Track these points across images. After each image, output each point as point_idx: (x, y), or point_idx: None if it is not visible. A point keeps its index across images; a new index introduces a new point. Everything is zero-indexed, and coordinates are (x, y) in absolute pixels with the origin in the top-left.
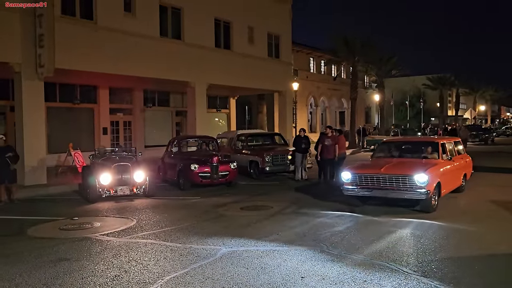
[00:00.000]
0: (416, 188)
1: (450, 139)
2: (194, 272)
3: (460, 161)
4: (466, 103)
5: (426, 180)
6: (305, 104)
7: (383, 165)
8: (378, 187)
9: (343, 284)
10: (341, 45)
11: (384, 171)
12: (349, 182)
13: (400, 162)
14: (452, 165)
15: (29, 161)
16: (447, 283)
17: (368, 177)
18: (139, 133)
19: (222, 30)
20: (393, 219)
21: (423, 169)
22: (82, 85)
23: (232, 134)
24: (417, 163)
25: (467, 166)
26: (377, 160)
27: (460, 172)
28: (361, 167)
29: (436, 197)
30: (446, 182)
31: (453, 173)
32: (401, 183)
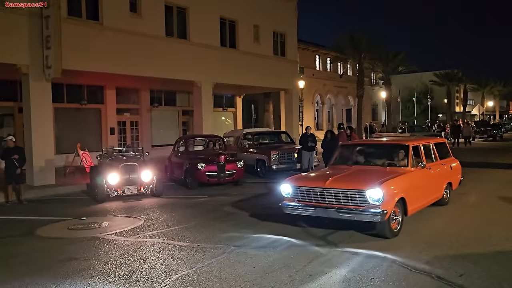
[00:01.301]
0: (368, 208)
1: (427, 140)
2: (201, 271)
3: (441, 168)
4: (474, 99)
5: (381, 197)
6: (311, 102)
7: (331, 175)
8: (322, 204)
9: None
10: (347, 42)
11: (329, 185)
12: (289, 197)
13: (355, 172)
14: (426, 174)
15: (37, 162)
16: (454, 279)
17: (310, 192)
18: (146, 133)
19: (227, 29)
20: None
21: (378, 182)
22: (89, 86)
23: (239, 132)
24: (376, 174)
25: (453, 173)
26: (330, 169)
27: (440, 182)
28: (304, 179)
29: (400, 218)
30: (416, 196)
31: (429, 184)
32: (350, 200)
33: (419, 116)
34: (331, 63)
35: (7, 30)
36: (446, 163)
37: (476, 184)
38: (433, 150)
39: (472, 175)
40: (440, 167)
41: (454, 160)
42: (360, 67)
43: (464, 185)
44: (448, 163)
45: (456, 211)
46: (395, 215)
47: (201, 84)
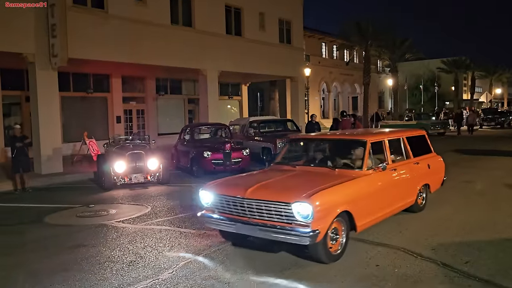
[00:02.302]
0: (295, 226)
1: (398, 134)
2: (208, 257)
3: (414, 167)
4: (481, 86)
5: (311, 212)
6: (317, 90)
7: (258, 181)
8: (244, 219)
9: None
10: (354, 29)
11: (250, 194)
12: (210, 207)
13: (291, 177)
14: (389, 177)
15: (45, 150)
16: (460, 266)
17: (230, 202)
18: (152, 121)
19: (233, 17)
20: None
21: (308, 194)
22: (95, 74)
23: (245, 121)
24: (316, 179)
25: (432, 172)
26: (266, 171)
27: (412, 184)
28: (226, 185)
29: (343, 238)
30: (370, 207)
31: (393, 189)
32: (275, 215)
33: (426, 104)
34: (337, 51)
35: (13, 19)
36: (423, 161)
37: (482, 171)
38: (404, 146)
39: (478, 163)
40: (413, 166)
41: (435, 156)
42: (366, 54)
43: (470, 173)
44: (425, 161)
45: (462, 199)
46: (336, 234)
47: (207, 72)
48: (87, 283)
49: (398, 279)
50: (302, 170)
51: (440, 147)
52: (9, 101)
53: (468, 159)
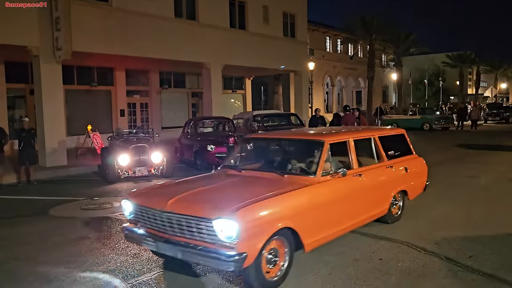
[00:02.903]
0: (219, 247)
1: (368, 133)
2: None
3: (387, 172)
4: (486, 81)
5: (236, 232)
6: (321, 84)
7: (184, 190)
8: (165, 236)
9: None
10: (358, 23)
11: (171, 206)
12: (132, 219)
13: (226, 185)
14: (350, 184)
15: (49, 143)
16: (463, 261)
17: (150, 215)
18: (155, 115)
19: (237, 10)
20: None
21: (234, 208)
22: (99, 68)
23: (248, 114)
24: (254, 188)
25: (410, 177)
26: (202, 177)
27: (383, 191)
28: (149, 194)
29: (285, 262)
30: (323, 222)
31: (356, 198)
32: (196, 232)
33: (430, 99)
34: (342, 45)
35: (17, 12)
36: (399, 164)
37: (486, 166)
38: (376, 147)
39: (483, 158)
40: (386, 171)
41: (415, 158)
42: (371, 48)
43: (474, 168)
44: (402, 164)
45: (466, 194)
46: (275, 256)
47: (210, 66)
48: (91, 275)
49: (401, 273)
50: (247, 175)
51: (444, 142)
52: (13, 94)
53: (472, 154)
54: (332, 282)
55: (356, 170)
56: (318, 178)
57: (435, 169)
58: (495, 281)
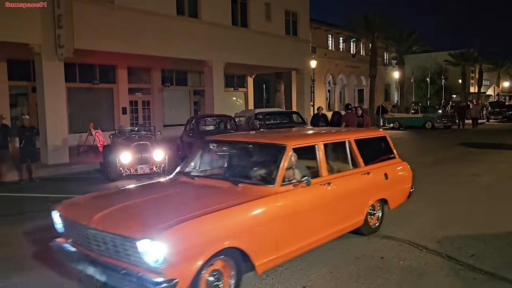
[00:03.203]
0: (146, 271)
1: (339, 135)
2: None
3: (362, 180)
4: (489, 79)
5: (164, 255)
6: (323, 82)
7: (121, 201)
8: (92, 255)
9: None
10: (360, 21)
11: (96, 222)
12: (62, 232)
13: (168, 196)
14: (316, 195)
15: (51, 141)
16: (465, 259)
17: (76, 230)
18: (157, 113)
19: (239, 8)
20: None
21: (165, 225)
22: (101, 65)
23: (250, 112)
24: (199, 200)
25: (391, 184)
26: (154, 184)
27: (355, 202)
28: (80, 205)
29: (230, 287)
30: (280, 239)
31: (321, 210)
32: (123, 254)
33: (432, 97)
34: (344, 43)
35: (19, 10)
36: (378, 170)
37: (489, 165)
38: (351, 151)
39: (485, 157)
40: (362, 178)
41: (398, 163)
42: (373, 46)
43: (476, 167)
44: (382, 170)
45: (468, 192)
46: (218, 280)
47: (212, 64)
48: None
49: (403, 271)
50: (198, 184)
51: (446, 141)
52: (16, 92)
53: (475, 152)
54: (333, 281)
55: (324, 178)
56: (277, 188)
57: (437, 168)
58: (496, 280)
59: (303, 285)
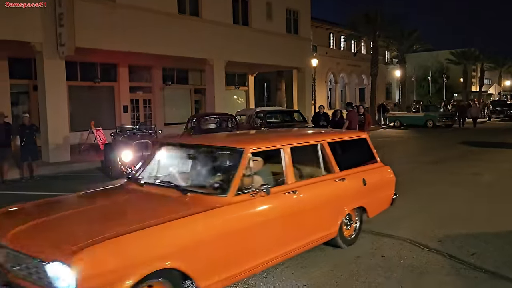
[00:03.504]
0: None
1: (309, 137)
2: None
3: (335, 187)
4: (490, 78)
5: (76, 281)
6: (324, 81)
7: (48, 214)
8: (9, 276)
9: None
10: (362, 19)
11: (10, 239)
12: None
13: (105, 208)
14: (279, 205)
15: (53, 139)
16: (466, 258)
17: None
18: (158, 111)
19: (240, 6)
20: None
21: (76, 247)
22: (102, 64)
23: (251, 111)
24: (136, 213)
25: (370, 190)
26: (99, 193)
27: (327, 212)
28: (8, 214)
29: None
30: (231, 258)
31: (283, 222)
32: (36, 277)
33: (434, 96)
34: (345, 41)
35: (20, 9)
36: (355, 176)
37: (490, 164)
38: (323, 155)
39: (486, 155)
40: (335, 185)
41: (379, 168)
42: (374, 45)
43: (477, 165)
44: (359, 175)
45: (470, 191)
46: None
47: (214, 62)
48: None
49: (404, 270)
50: (144, 192)
51: (448, 140)
52: (17, 90)
53: (476, 151)
54: (334, 279)
55: (290, 186)
56: (230, 198)
57: (438, 166)
58: (498, 279)
59: (304, 283)
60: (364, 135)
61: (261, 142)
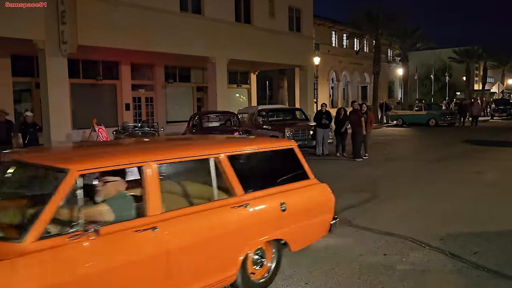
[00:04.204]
0: None
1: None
2: None
3: (227, 216)
4: (493, 76)
5: None
6: (327, 79)
7: None
8: None
9: None
10: (364, 17)
11: None
12: None
13: None
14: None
15: (55, 136)
16: (468, 257)
17: None
18: (160, 109)
19: (242, 4)
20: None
21: None
22: (104, 62)
23: (253, 109)
24: None
25: (292, 217)
26: None
27: (210, 253)
28: None
29: None
30: None
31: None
32: None
33: (436, 94)
34: (347, 40)
35: (20, 8)
36: (265, 200)
37: (493, 162)
38: (217, 174)
39: (489, 154)
40: (229, 214)
41: (311, 186)
42: (377, 43)
43: (480, 164)
44: (275, 198)
45: (472, 190)
46: None
47: (216, 60)
48: None
49: (406, 268)
50: None
51: (450, 138)
52: (19, 88)
53: (479, 150)
54: (336, 277)
55: (149, 220)
56: (26, 245)
57: (441, 165)
58: (500, 278)
59: (306, 281)
60: (292, 144)
61: (100, 159)
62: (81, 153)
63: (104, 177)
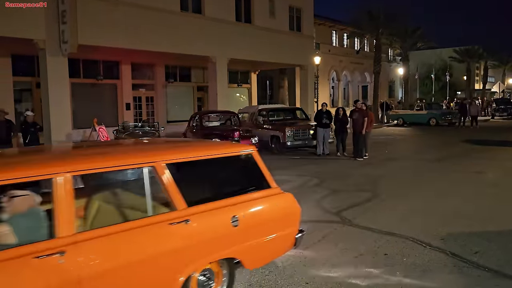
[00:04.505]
0: None
1: (123, 158)
2: None
3: (160, 235)
4: (494, 76)
5: None
6: (327, 79)
7: None
8: None
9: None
10: (365, 17)
11: None
12: None
13: None
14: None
15: (55, 136)
16: (469, 257)
17: None
18: (161, 109)
19: (242, 4)
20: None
21: None
22: (104, 61)
23: (254, 109)
24: None
25: (247, 231)
26: None
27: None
28: None
29: None
30: None
31: None
32: None
33: (437, 94)
34: (348, 39)
35: (20, 8)
36: (212, 214)
37: (493, 162)
38: (155, 184)
39: (489, 154)
40: (163, 231)
41: (270, 197)
42: (377, 42)
43: (481, 164)
44: (225, 212)
45: (473, 189)
46: None
47: (216, 60)
48: None
49: (406, 268)
50: None
51: (451, 137)
52: (20, 87)
53: (479, 149)
54: (336, 277)
55: (57, 242)
56: None
57: (441, 164)
58: (500, 277)
59: (306, 281)
60: (250, 149)
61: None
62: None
63: (10, 191)
